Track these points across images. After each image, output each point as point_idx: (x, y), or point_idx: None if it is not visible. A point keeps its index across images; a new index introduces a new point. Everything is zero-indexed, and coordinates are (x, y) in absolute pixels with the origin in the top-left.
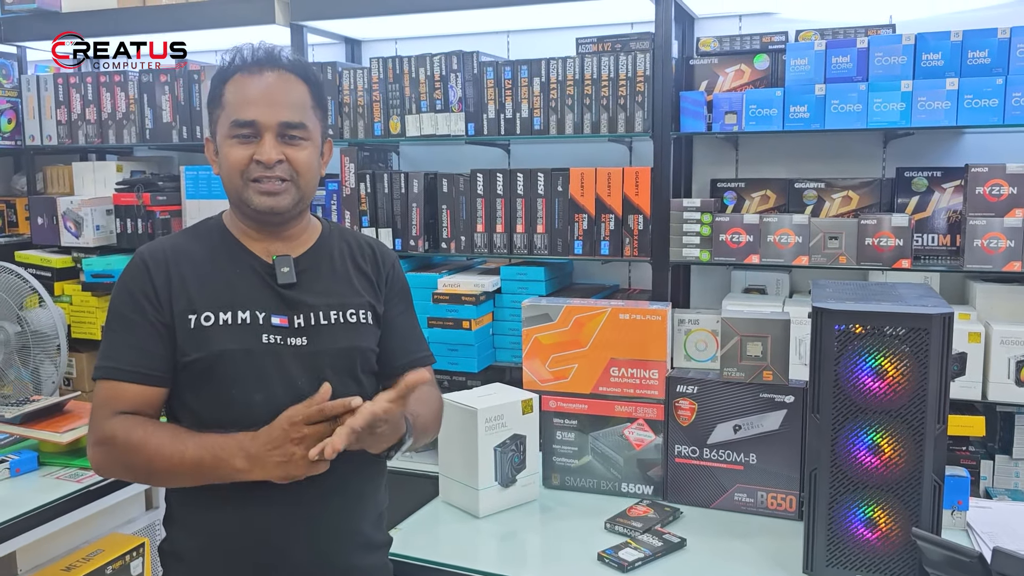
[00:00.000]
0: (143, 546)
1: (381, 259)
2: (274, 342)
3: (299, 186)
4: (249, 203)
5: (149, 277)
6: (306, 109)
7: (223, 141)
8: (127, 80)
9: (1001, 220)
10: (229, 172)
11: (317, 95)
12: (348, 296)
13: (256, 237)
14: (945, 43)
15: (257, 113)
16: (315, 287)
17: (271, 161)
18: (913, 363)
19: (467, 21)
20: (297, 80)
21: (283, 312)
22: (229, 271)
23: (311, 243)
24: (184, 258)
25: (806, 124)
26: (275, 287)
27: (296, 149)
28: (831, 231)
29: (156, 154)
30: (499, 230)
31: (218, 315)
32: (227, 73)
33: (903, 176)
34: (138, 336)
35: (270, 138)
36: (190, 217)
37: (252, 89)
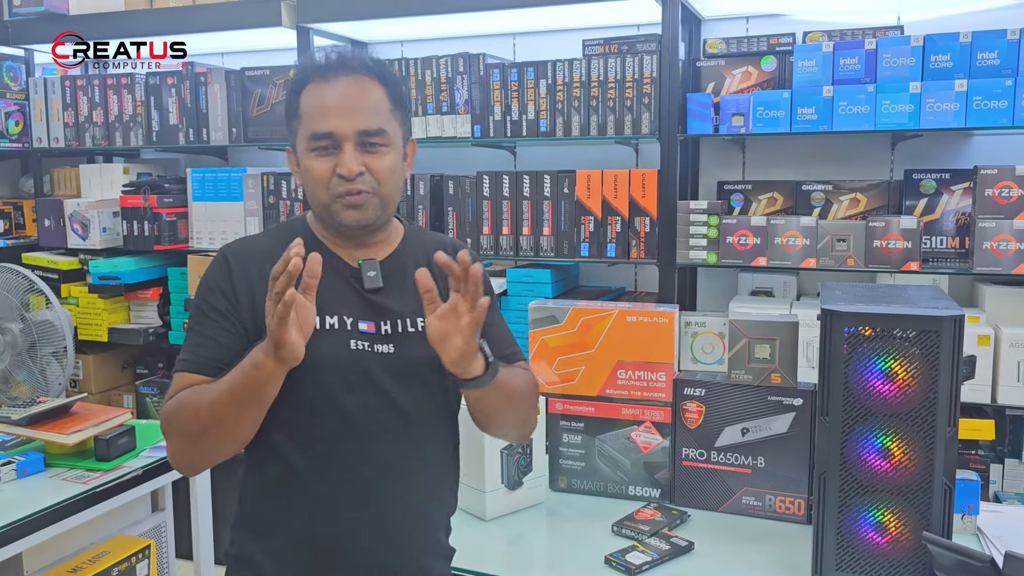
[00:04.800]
0: (149, 548)
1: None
2: (362, 348)
3: (382, 196)
4: (336, 217)
5: (229, 274)
6: (384, 113)
7: (303, 154)
8: (134, 82)
9: (1011, 222)
10: (313, 187)
11: (396, 96)
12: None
13: (341, 243)
14: (954, 44)
15: (334, 123)
16: (400, 292)
17: (352, 173)
18: (923, 365)
19: (473, 23)
20: (373, 82)
21: (370, 318)
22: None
23: (395, 246)
24: (269, 260)
25: (814, 126)
26: (361, 292)
27: (377, 157)
28: (839, 233)
29: (163, 156)
30: (505, 232)
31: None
32: (300, 82)
33: (911, 178)
34: (212, 330)
35: (350, 148)
36: (196, 219)
37: (327, 98)
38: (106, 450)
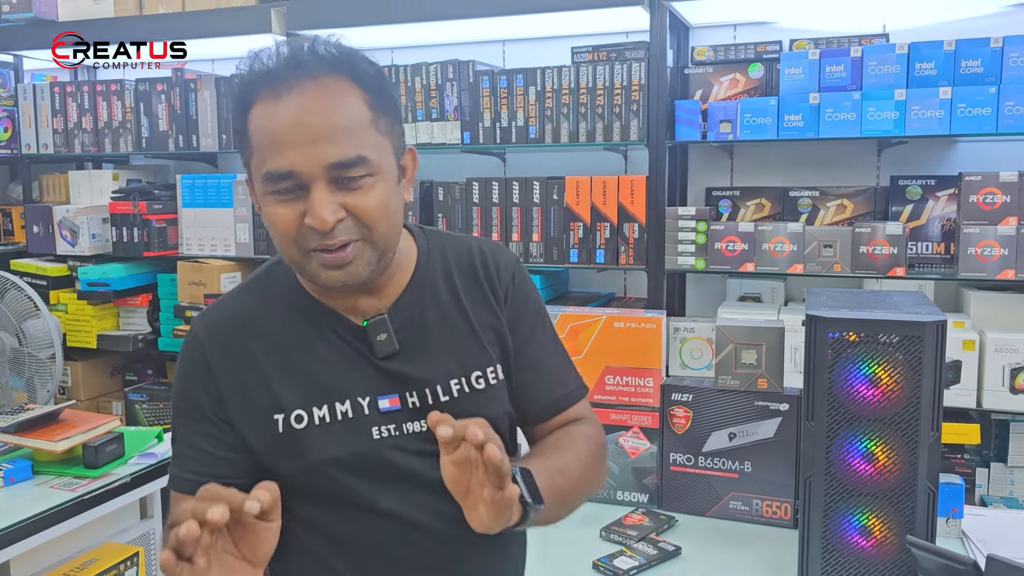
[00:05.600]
0: (138, 555)
1: (496, 271)
2: (388, 435)
3: (375, 242)
4: (316, 278)
5: (206, 364)
6: (362, 130)
7: (262, 196)
8: (123, 89)
9: (995, 228)
10: (281, 241)
11: (376, 98)
12: (469, 350)
13: (336, 295)
14: (938, 52)
15: (294, 158)
16: (425, 347)
17: (326, 225)
18: (907, 371)
19: (463, 30)
20: (342, 85)
21: (391, 390)
22: (314, 346)
23: (406, 281)
24: (256, 333)
25: (800, 132)
26: (373, 359)
27: (360, 194)
28: (826, 239)
29: (152, 163)
30: (495, 238)
31: (311, 412)
32: (246, 98)
33: (897, 184)
34: (198, 437)
35: (320, 190)
36: (186, 225)
37: (280, 120)
38: (94, 457)
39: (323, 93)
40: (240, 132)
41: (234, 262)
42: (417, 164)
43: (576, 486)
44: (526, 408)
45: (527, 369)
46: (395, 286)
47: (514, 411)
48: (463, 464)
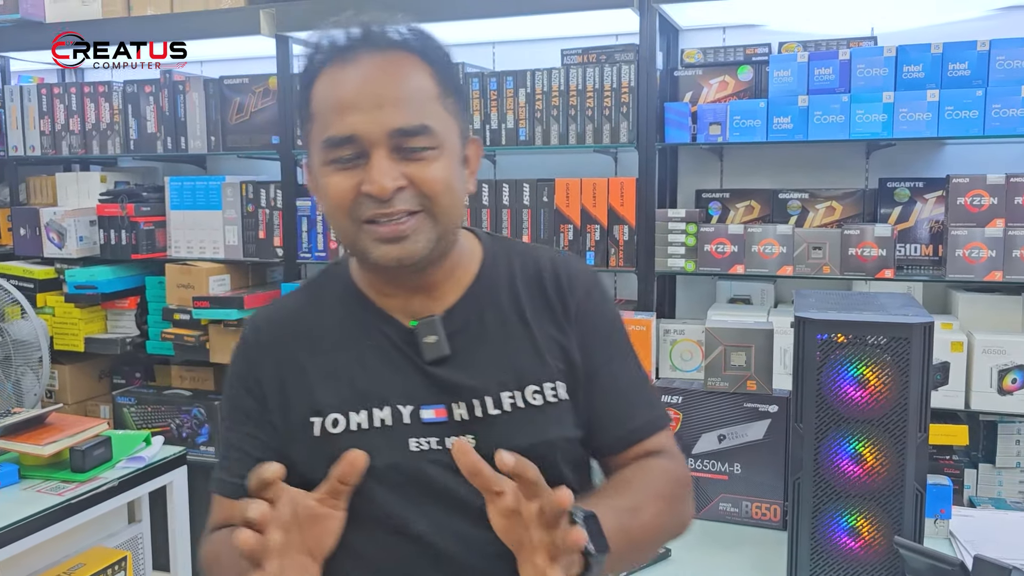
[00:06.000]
0: (125, 560)
1: (568, 284)
2: (428, 448)
3: (435, 217)
4: (367, 255)
5: (252, 361)
6: (428, 102)
7: (319, 169)
8: (111, 90)
9: (982, 230)
10: (333, 213)
11: (445, 77)
12: (528, 362)
13: (389, 292)
14: (926, 55)
15: (356, 122)
16: (479, 355)
17: (385, 192)
18: (895, 372)
19: (453, 32)
20: (412, 60)
21: (437, 400)
22: (358, 347)
23: (467, 283)
24: (303, 333)
25: (789, 135)
26: (420, 364)
27: (422, 165)
28: (815, 241)
29: (140, 165)
30: None
31: (348, 417)
32: (311, 71)
33: (886, 186)
34: (241, 438)
35: (381, 157)
36: (174, 228)
37: (345, 87)
38: (82, 461)
39: (390, 65)
40: (303, 105)
41: (223, 264)
42: (481, 155)
43: (650, 529)
44: (598, 437)
45: (599, 394)
46: (453, 288)
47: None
48: (512, 516)
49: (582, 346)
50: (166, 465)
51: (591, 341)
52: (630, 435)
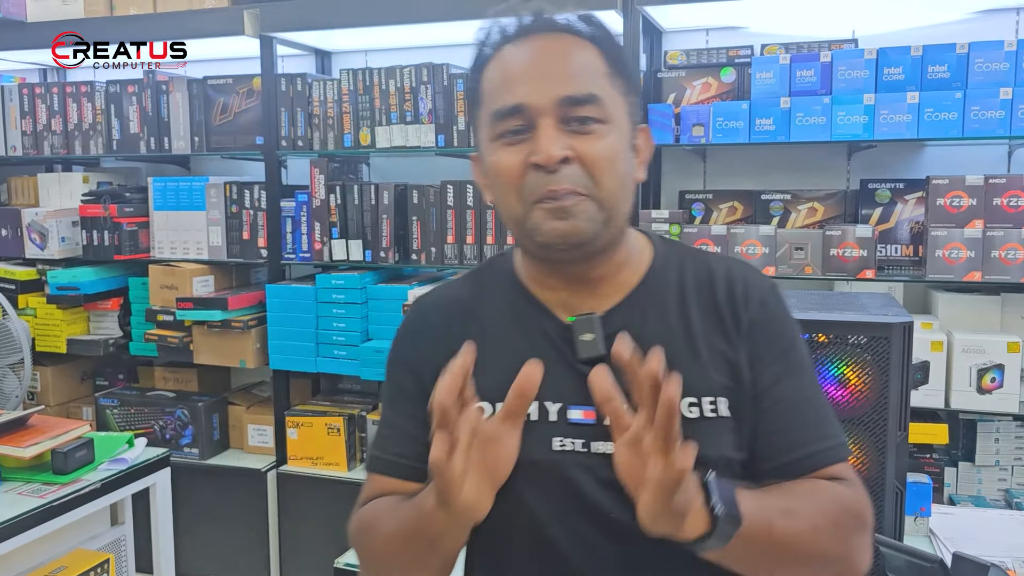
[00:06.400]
0: (108, 562)
1: (743, 295)
2: (571, 449)
3: (600, 198)
4: (535, 233)
5: (416, 342)
6: (597, 76)
7: (487, 150)
8: (94, 91)
9: (961, 231)
10: (502, 193)
11: (613, 59)
12: (687, 373)
13: (551, 284)
14: (906, 58)
15: (523, 92)
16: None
17: (553, 159)
18: (875, 371)
19: (437, 33)
20: (580, 42)
21: (587, 401)
22: (514, 339)
23: (632, 285)
24: (462, 319)
25: (772, 136)
26: (574, 362)
27: (589, 139)
28: (797, 242)
29: (123, 165)
30: (469, 241)
31: (495, 407)
32: (482, 57)
33: (867, 188)
34: (400, 417)
35: (548, 125)
36: (158, 229)
37: (514, 64)
38: (63, 463)
39: (558, 44)
40: (473, 92)
41: (206, 266)
42: (652, 147)
43: (802, 540)
44: (764, 463)
45: (768, 415)
46: (617, 288)
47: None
48: (635, 446)
49: (752, 361)
50: (149, 467)
51: (763, 356)
52: (800, 463)
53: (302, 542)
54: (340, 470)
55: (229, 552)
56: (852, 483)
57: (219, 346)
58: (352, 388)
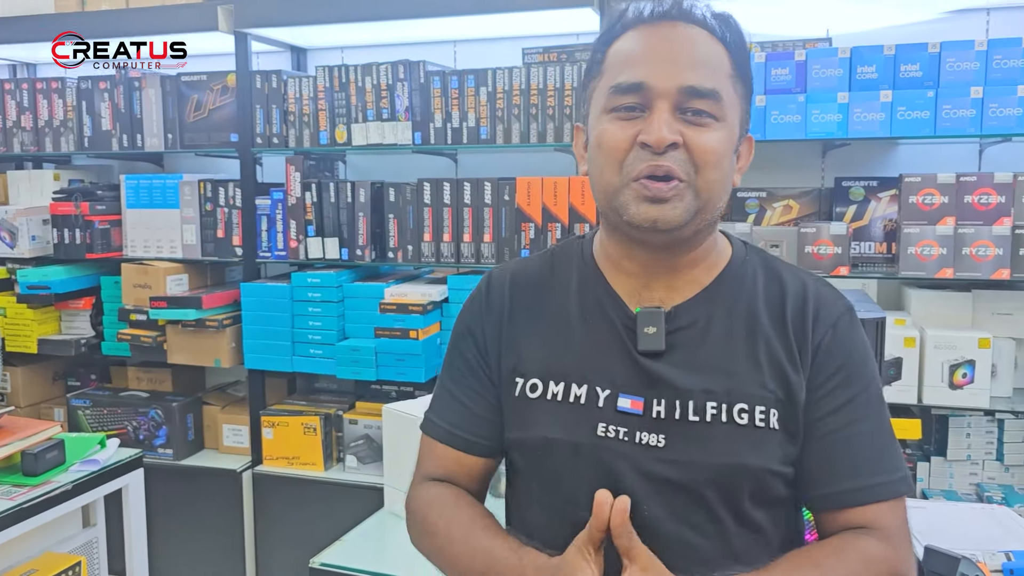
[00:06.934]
0: (79, 565)
1: (813, 315)
2: (614, 436)
3: (698, 189)
4: (623, 211)
5: (481, 312)
6: (722, 75)
7: (596, 120)
8: (64, 87)
9: (933, 228)
10: (602, 164)
11: (740, 63)
12: (744, 379)
13: (628, 269)
14: (879, 57)
15: (648, 73)
16: (694, 357)
17: (662, 143)
18: None
19: (414, 30)
20: (714, 39)
21: (638, 391)
22: (578, 321)
23: (705, 283)
24: (527, 293)
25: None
26: (633, 351)
27: (701, 131)
28: (772, 239)
29: (95, 163)
30: (446, 239)
31: (548, 385)
32: (613, 32)
33: (841, 185)
34: (459, 387)
35: (663, 109)
36: (130, 227)
37: (644, 43)
38: (34, 465)
39: (691, 34)
40: (595, 62)
41: (180, 264)
42: (752, 154)
43: None
44: (808, 489)
45: (821, 444)
46: (690, 284)
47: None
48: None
49: (812, 386)
50: (122, 468)
51: (825, 382)
52: (842, 496)
53: (278, 543)
54: (317, 470)
55: (204, 554)
56: (893, 536)
57: (193, 346)
58: (328, 387)
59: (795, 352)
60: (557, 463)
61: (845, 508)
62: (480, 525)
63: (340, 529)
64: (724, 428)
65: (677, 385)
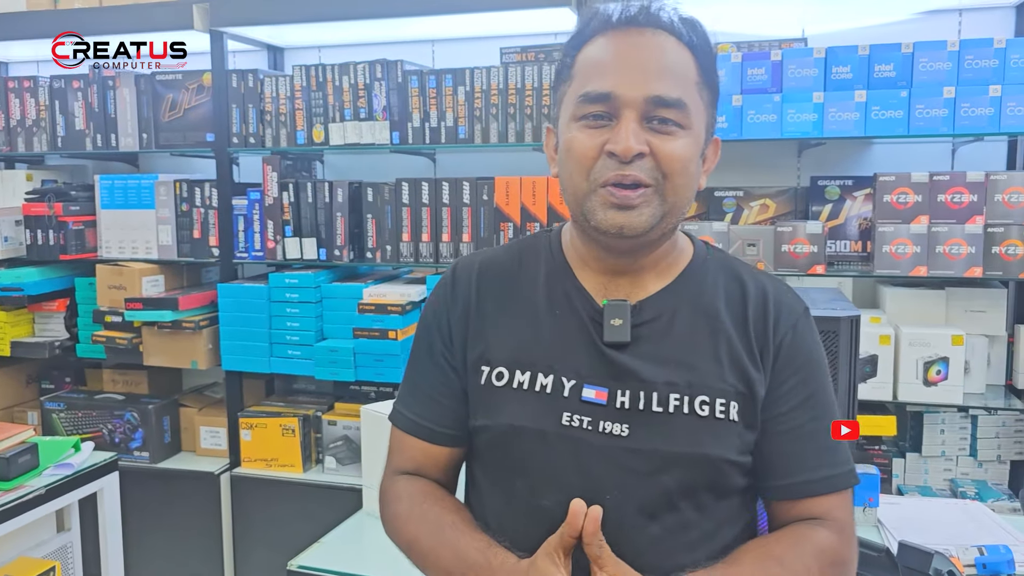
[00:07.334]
0: (54, 570)
1: (774, 317)
2: (579, 425)
3: (665, 195)
4: (590, 217)
5: (447, 303)
6: (688, 83)
7: (566, 126)
8: (37, 86)
9: (907, 227)
10: (571, 170)
11: (706, 70)
12: (705, 372)
13: (594, 266)
14: (853, 56)
15: (616, 82)
16: (658, 350)
17: (629, 152)
18: None
19: (391, 29)
20: (681, 46)
21: (602, 381)
22: (545, 311)
23: (668, 281)
24: (494, 283)
25: (724, 134)
26: (599, 342)
27: (667, 139)
28: (749, 238)
29: (68, 163)
30: (425, 239)
31: (513, 374)
32: (582, 36)
33: (817, 185)
34: (425, 378)
35: (631, 119)
36: (105, 228)
37: (612, 51)
38: (6, 469)
39: (659, 42)
40: (564, 67)
41: (156, 265)
42: (719, 156)
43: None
44: (762, 480)
45: (777, 438)
46: (654, 281)
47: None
48: None
49: (772, 383)
50: (96, 472)
51: (784, 380)
52: (794, 488)
53: (257, 545)
54: (295, 471)
55: (181, 558)
56: (841, 526)
57: (170, 347)
58: (307, 388)
59: (755, 351)
60: (523, 450)
61: (802, 498)
62: (448, 521)
63: (320, 531)
64: (686, 419)
65: (641, 376)
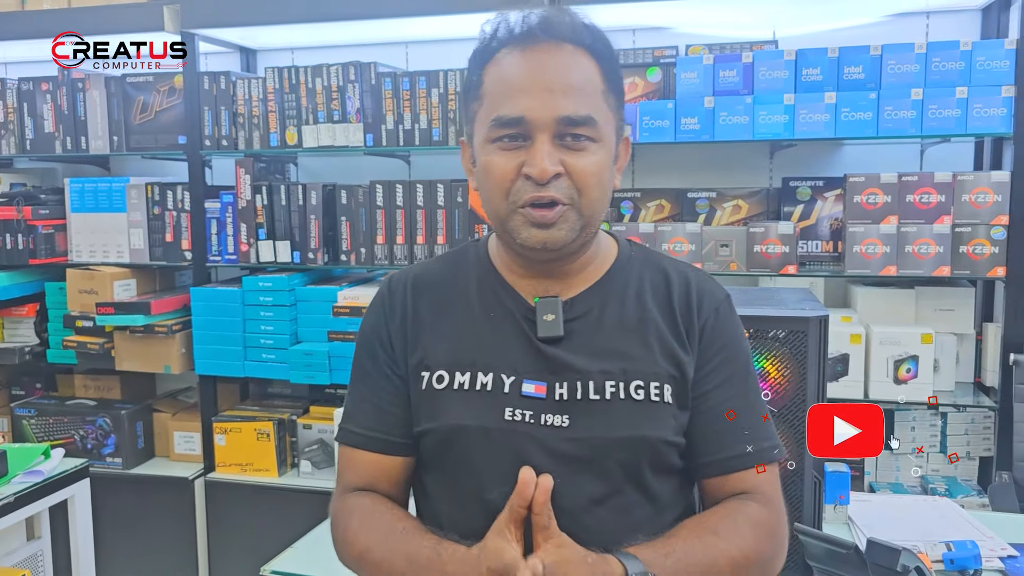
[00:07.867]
0: None
1: (697, 301)
2: (521, 420)
3: (581, 209)
4: (514, 236)
5: (385, 314)
6: (595, 96)
7: (481, 147)
8: (4, 88)
9: (877, 227)
10: (490, 192)
11: (610, 75)
12: (637, 359)
13: (522, 273)
14: (823, 59)
15: (527, 105)
16: (591, 342)
17: (545, 175)
18: (793, 364)
19: (365, 31)
20: (583, 54)
21: (540, 376)
22: (479, 314)
23: (596, 278)
24: (428, 293)
25: (696, 135)
26: (533, 339)
27: (580, 155)
28: (722, 239)
29: (38, 166)
30: (399, 242)
31: (453, 376)
32: (486, 52)
33: (788, 185)
34: (372, 390)
35: (544, 141)
36: (75, 231)
37: (519, 72)
38: None
39: (564, 56)
40: (473, 84)
41: (128, 269)
42: (629, 155)
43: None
44: (693, 458)
45: (703, 415)
46: (582, 281)
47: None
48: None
49: (699, 363)
50: (67, 478)
51: (710, 360)
52: (721, 464)
53: (231, 551)
54: (270, 476)
55: (155, 564)
56: (769, 498)
57: (142, 352)
58: (282, 392)
59: (683, 334)
60: (469, 449)
61: (731, 472)
62: (399, 528)
63: (295, 535)
64: (623, 404)
65: (577, 368)
